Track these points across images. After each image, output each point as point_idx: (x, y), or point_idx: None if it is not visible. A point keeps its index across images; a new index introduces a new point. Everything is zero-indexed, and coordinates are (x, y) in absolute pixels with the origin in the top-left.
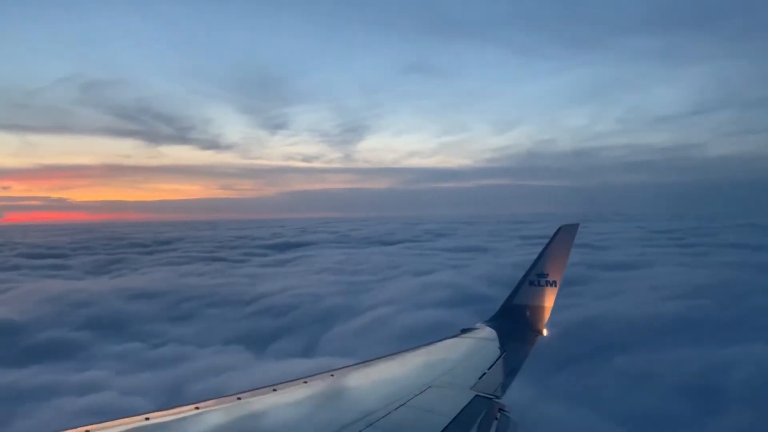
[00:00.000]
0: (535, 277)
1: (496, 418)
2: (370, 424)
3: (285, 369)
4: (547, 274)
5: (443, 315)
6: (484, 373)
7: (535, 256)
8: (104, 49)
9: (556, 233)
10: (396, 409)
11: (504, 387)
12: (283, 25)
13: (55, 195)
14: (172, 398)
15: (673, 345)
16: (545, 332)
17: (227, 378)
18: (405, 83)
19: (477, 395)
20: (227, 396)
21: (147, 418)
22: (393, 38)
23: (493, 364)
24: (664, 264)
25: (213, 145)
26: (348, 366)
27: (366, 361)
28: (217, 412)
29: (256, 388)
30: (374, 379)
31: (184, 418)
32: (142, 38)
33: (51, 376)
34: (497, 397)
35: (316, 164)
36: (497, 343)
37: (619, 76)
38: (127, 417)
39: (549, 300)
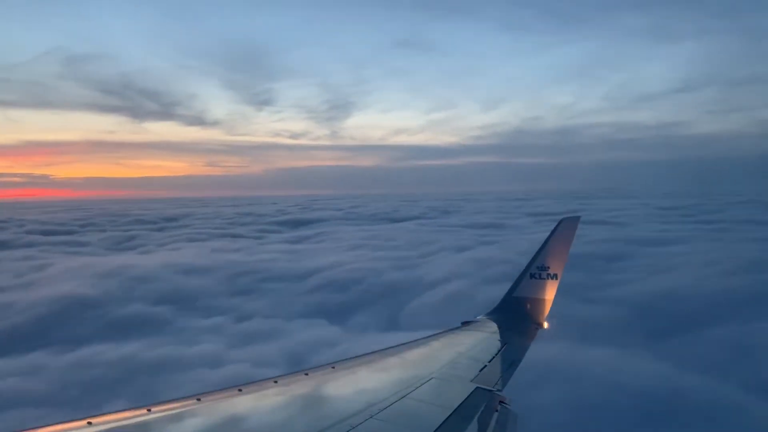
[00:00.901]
0: (536, 270)
1: (497, 410)
2: (372, 416)
3: (383, 341)
4: (548, 267)
5: None
6: (485, 366)
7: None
8: (88, 22)
9: (557, 226)
10: (398, 400)
11: (505, 379)
12: None
13: (37, 172)
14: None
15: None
16: (546, 325)
17: (345, 349)
18: (393, 59)
19: (478, 387)
20: (229, 388)
21: (149, 410)
22: (382, 13)
23: (493, 357)
24: (697, 240)
25: (198, 121)
26: (350, 358)
27: (368, 354)
28: (219, 404)
29: (257, 381)
30: (376, 371)
31: (186, 411)
32: (127, 11)
33: (164, 349)
34: (498, 390)
35: (302, 141)
36: (498, 336)
37: (605, 53)
38: (128, 409)
39: (550, 293)
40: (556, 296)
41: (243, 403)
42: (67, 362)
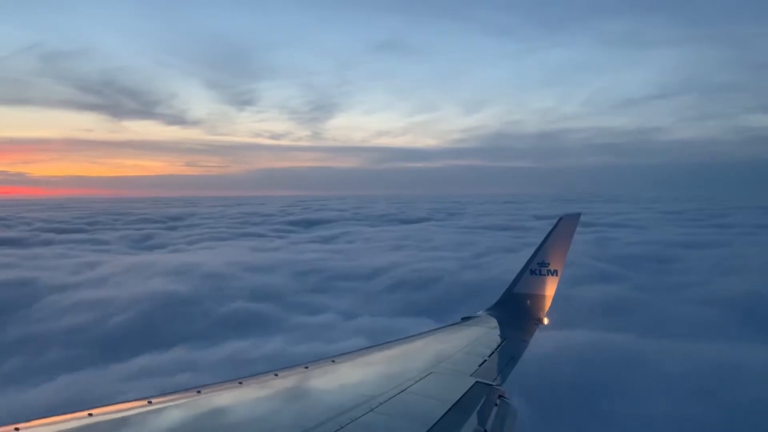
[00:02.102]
0: (536, 266)
1: (496, 405)
2: (372, 409)
3: None
4: (549, 263)
5: (621, 290)
6: (485, 361)
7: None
8: (68, 18)
9: (557, 223)
10: (397, 394)
11: (504, 374)
12: None
13: (13, 170)
14: None
15: None
16: (546, 321)
17: None
18: (376, 61)
19: (477, 382)
20: (229, 381)
21: (149, 402)
22: (366, 14)
23: (493, 352)
24: (735, 244)
25: (178, 120)
26: (349, 352)
27: (367, 348)
28: (219, 397)
29: (257, 374)
30: (376, 365)
31: (186, 403)
32: (108, 8)
33: (308, 345)
34: (498, 384)
35: (284, 142)
36: (498, 331)
37: (586, 58)
38: (128, 401)
39: (550, 289)
40: (556, 292)
41: (243, 396)
42: (218, 358)
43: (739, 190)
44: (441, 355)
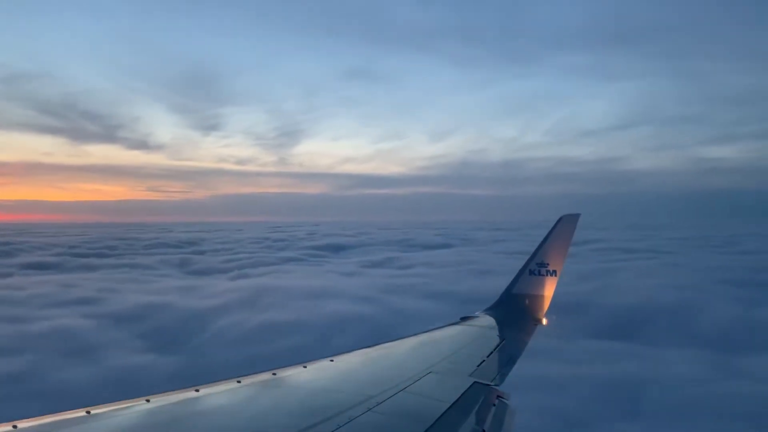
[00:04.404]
0: (535, 267)
1: (494, 405)
2: (370, 409)
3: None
4: (548, 264)
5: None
6: (483, 361)
7: (610, 264)
8: (29, 40)
9: (557, 223)
10: (396, 393)
11: (503, 374)
12: (218, 21)
13: None
14: None
15: None
16: (545, 321)
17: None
18: (343, 88)
19: (476, 382)
20: (227, 380)
21: (147, 400)
22: (333, 42)
23: (492, 352)
24: None
25: (141, 144)
26: (348, 351)
27: (366, 347)
28: (217, 395)
29: (255, 373)
30: (374, 365)
31: (184, 401)
32: (71, 30)
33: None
34: (496, 384)
35: (249, 167)
36: (496, 332)
37: (548, 89)
38: (127, 399)
39: (549, 289)
40: (555, 293)
41: (242, 395)
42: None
43: (706, 218)
44: (439, 354)
